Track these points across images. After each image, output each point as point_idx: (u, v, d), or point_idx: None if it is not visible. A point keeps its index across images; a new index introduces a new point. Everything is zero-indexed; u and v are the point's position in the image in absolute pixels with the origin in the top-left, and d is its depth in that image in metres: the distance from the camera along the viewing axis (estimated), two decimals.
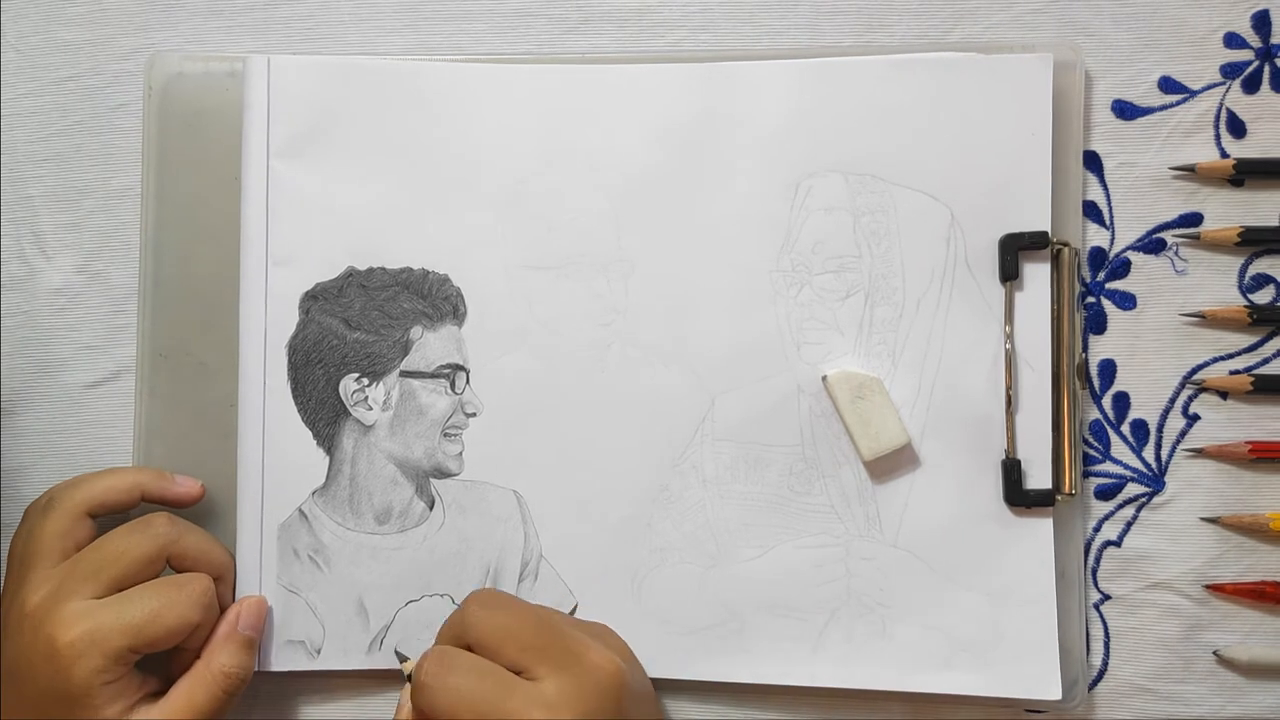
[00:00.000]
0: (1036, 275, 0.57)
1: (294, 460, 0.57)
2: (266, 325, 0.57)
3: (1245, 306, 0.58)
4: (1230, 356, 0.58)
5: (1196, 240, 0.58)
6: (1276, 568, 0.57)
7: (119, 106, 0.60)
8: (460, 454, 0.58)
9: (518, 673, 0.50)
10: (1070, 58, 0.57)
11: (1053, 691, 0.56)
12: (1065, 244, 0.57)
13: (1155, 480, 0.58)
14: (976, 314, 0.57)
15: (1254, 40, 0.58)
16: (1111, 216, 0.58)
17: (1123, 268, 0.58)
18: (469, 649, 0.52)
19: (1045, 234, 0.56)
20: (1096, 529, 0.58)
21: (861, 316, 0.57)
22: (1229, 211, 0.58)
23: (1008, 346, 0.57)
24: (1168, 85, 0.58)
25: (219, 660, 0.54)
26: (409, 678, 0.52)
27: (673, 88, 0.58)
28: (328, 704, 0.58)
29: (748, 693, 0.58)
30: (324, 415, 0.57)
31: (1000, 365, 0.57)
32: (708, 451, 0.57)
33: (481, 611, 0.52)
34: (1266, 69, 0.58)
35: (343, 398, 0.57)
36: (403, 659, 0.55)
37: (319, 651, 0.57)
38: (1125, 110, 0.58)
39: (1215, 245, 0.58)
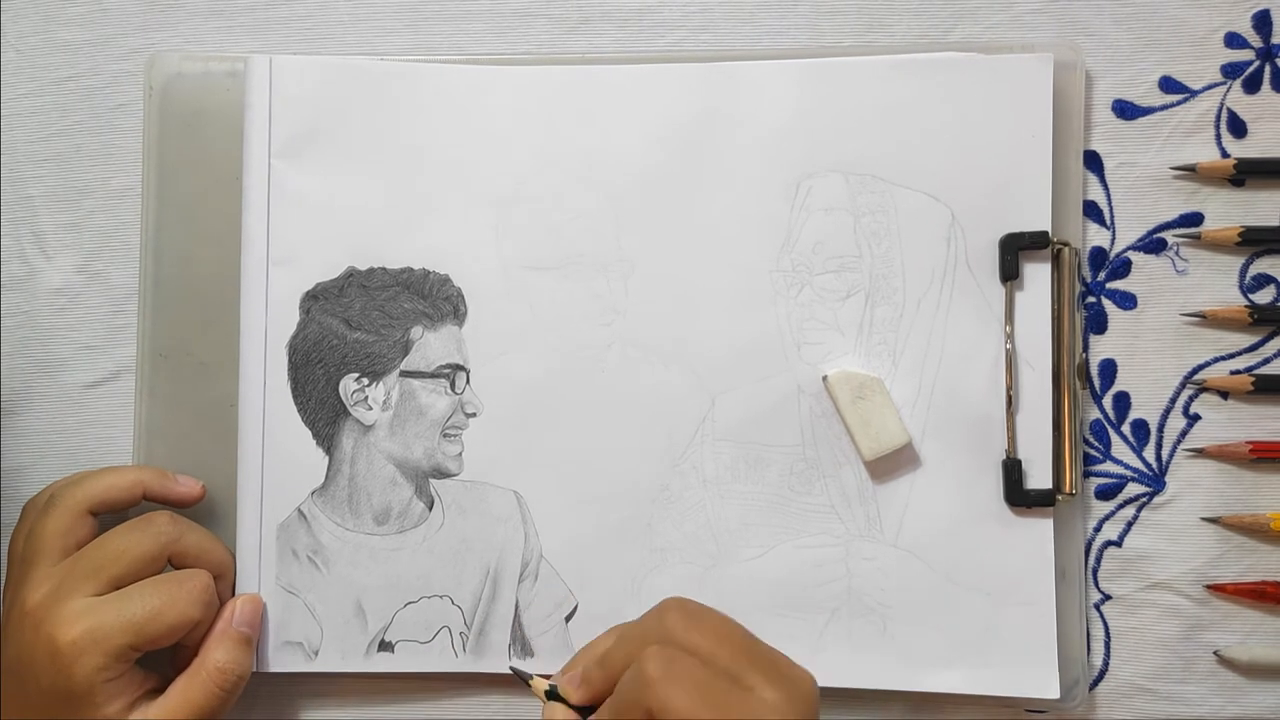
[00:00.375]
0: (1037, 275, 0.57)
1: (293, 460, 0.57)
2: (267, 325, 0.57)
3: (1246, 306, 0.58)
4: (1231, 356, 0.58)
5: (1197, 240, 0.58)
6: (1277, 568, 0.57)
7: (119, 106, 0.60)
8: (460, 454, 0.58)
9: None
10: (1070, 58, 0.57)
11: (1051, 691, 0.56)
12: (1066, 244, 0.57)
13: (1156, 480, 0.58)
14: (977, 314, 0.57)
15: (1255, 40, 0.58)
16: (1112, 216, 0.58)
17: (1123, 267, 0.58)
18: None
19: (1046, 234, 0.56)
20: (1097, 529, 0.58)
21: (862, 316, 0.57)
22: (1230, 211, 0.58)
23: (1008, 346, 0.57)
24: (1168, 85, 0.58)
25: (214, 657, 0.53)
26: (549, 694, 0.51)
27: (673, 88, 0.58)
28: (326, 706, 0.58)
29: None
30: (324, 415, 0.57)
31: (1001, 365, 0.57)
32: (708, 451, 0.57)
33: (687, 620, 0.50)
34: (1267, 69, 0.58)
35: (342, 397, 0.57)
36: (526, 677, 0.54)
37: (317, 653, 0.57)
38: (1126, 110, 0.58)
39: (1216, 245, 0.58)
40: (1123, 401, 0.58)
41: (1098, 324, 0.58)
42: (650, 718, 0.47)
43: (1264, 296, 0.58)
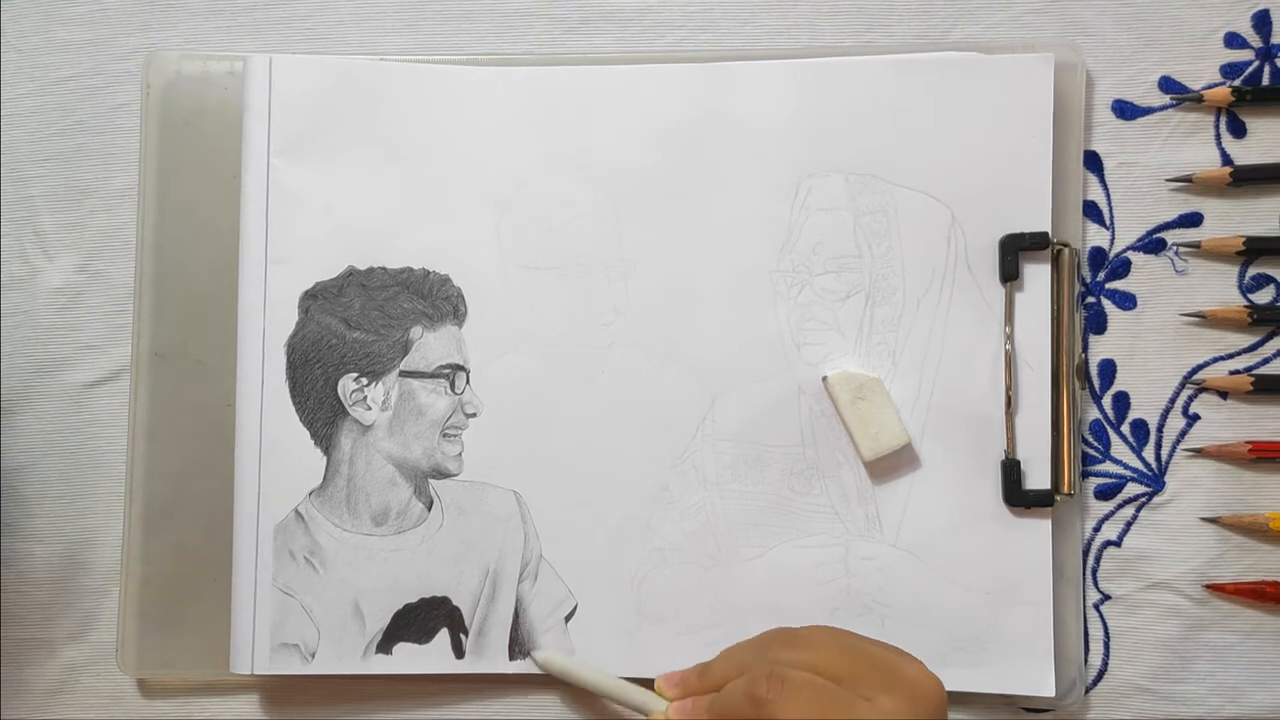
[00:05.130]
0: (1037, 275, 0.57)
1: (291, 460, 0.57)
2: (265, 325, 0.57)
3: (1245, 306, 0.58)
4: (1230, 356, 0.58)
5: (1197, 249, 0.58)
6: (1276, 568, 0.57)
7: (119, 106, 0.60)
8: (459, 454, 0.57)
9: None
10: (1071, 58, 0.57)
11: (1047, 689, 0.56)
12: (1065, 244, 0.57)
13: (1155, 480, 0.58)
14: (977, 314, 0.57)
15: (1254, 40, 0.58)
16: (1112, 216, 0.58)
17: (1123, 268, 0.58)
18: None
19: (1045, 234, 0.56)
20: (1096, 529, 0.58)
21: (862, 317, 0.57)
22: (1229, 211, 0.58)
23: (1008, 347, 0.57)
24: (1168, 85, 0.58)
25: None
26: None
27: (673, 88, 0.58)
28: (323, 708, 0.58)
29: None
30: (322, 415, 0.57)
31: (1000, 365, 0.57)
32: (708, 451, 0.57)
33: (790, 643, 0.51)
34: (1267, 69, 0.58)
35: (341, 397, 0.57)
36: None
37: (314, 655, 0.57)
38: (1126, 110, 0.58)
39: (1216, 254, 0.58)
40: (1122, 401, 0.58)
41: (1097, 324, 0.58)
42: None
43: (1263, 296, 0.58)
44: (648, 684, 0.55)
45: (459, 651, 0.57)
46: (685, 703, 0.53)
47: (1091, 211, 0.58)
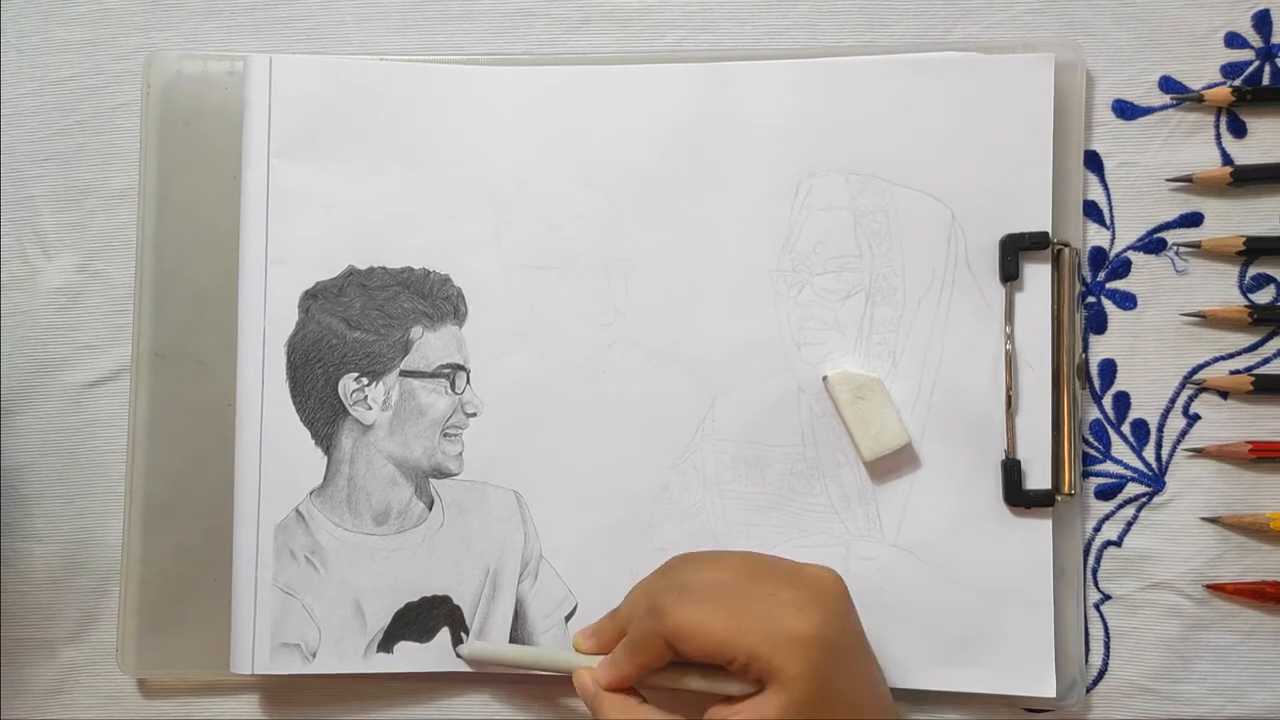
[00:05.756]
0: (1037, 275, 0.57)
1: (292, 460, 0.57)
2: (265, 324, 0.57)
3: (1246, 306, 0.58)
4: (1231, 356, 0.58)
5: (1197, 249, 0.58)
6: (1277, 567, 0.57)
7: (119, 106, 0.60)
8: (460, 454, 0.57)
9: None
10: (1071, 57, 0.57)
11: (1048, 690, 0.56)
12: (1066, 244, 0.57)
13: (1155, 480, 0.58)
14: (977, 314, 0.57)
15: (1255, 40, 0.58)
16: (1112, 216, 0.58)
17: (1123, 267, 0.58)
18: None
19: (1046, 234, 0.56)
20: (1097, 529, 0.58)
21: (862, 317, 0.57)
22: (1230, 211, 0.58)
23: (1008, 347, 0.57)
24: (1168, 85, 0.58)
25: None
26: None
27: (673, 88, 0.58)
28: (324, 708, 0.58)
29: None
30: (323, 415, 0.57)
31: (1000, 365, 0.57)
32: (708, 451, 0.57)
33: (693, 562, 0.53)
34: (1267, 69, 0.58)
35: (342, 397, 0.57)
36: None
37: (315, 654, 0.57)
38: (1126, 110, 0.58)
39: (1217, 254, 0.58)
40: (1122, 401, 0.58)
41: (1097, 324, 0.58)
42: (671, 646, 0.49)
43: (1264, 296, 0.58)
44: None
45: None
46: (604, 658, 0.53)
47: (1092, 211, 0.58)
